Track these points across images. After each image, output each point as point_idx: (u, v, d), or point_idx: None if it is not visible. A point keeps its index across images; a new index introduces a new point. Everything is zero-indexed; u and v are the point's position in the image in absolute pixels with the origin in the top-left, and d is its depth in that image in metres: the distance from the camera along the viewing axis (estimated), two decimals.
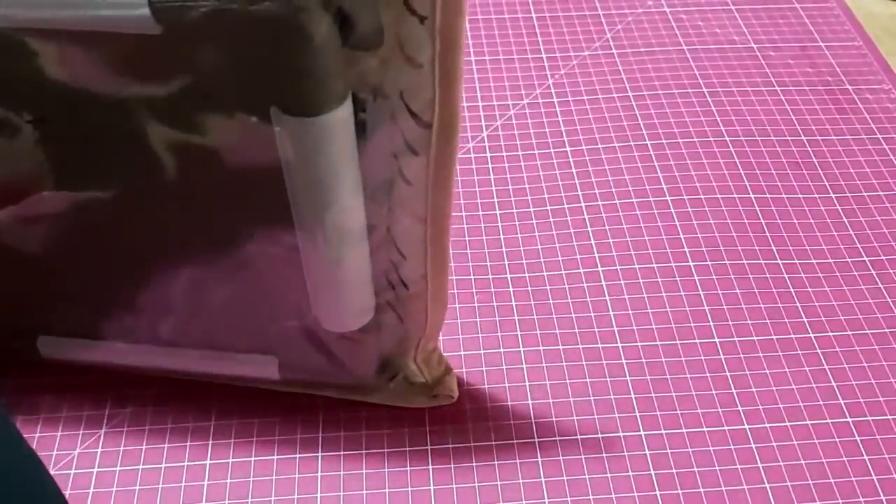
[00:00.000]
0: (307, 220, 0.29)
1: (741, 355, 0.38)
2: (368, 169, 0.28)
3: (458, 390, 0.37)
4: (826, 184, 0.46)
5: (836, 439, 0.36)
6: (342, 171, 0.27)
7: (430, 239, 0.31)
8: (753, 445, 0.35)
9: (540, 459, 0.35)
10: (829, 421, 0.36)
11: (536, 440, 0.36)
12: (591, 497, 0.34)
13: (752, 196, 0.45)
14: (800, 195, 0.46)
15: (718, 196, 0.45)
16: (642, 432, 0.36)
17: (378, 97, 0.27)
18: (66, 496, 0.33)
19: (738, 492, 0.34)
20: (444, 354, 0.38)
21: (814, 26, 0.57)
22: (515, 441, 0.35)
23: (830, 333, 0.39)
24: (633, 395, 0.37)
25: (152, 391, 0.37)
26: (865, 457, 0.35)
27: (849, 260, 0.42)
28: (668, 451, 0.35)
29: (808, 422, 0.36)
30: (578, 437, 0.36)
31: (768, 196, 0.45)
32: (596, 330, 0.39)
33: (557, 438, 0.36)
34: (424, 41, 0.25)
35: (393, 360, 0.35)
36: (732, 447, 0.35)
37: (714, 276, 0.41)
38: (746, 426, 0.36)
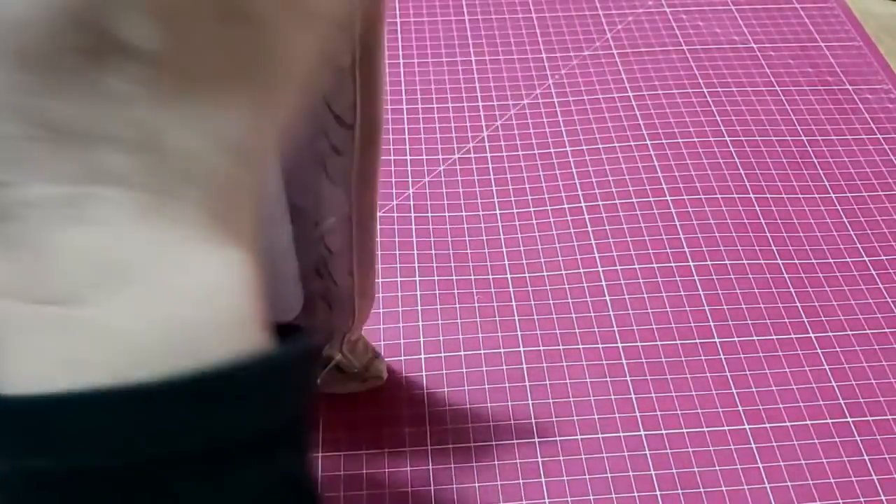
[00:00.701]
0: None
1: (741, 355, 0.38)
2: (295, 163, 0.29)
3: (457, 391, 0.37)
4: (826, 184, 0.46)
5: (836, 439, 0.36)
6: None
7: (356, 238, 0.31)
8: (753, 445, 0.35)
9: (540, 459, 0.35)
10: (829, 421, 0.36)
11: (536, 440, 0.35)
12: (591, 497, 0.34)
13: (752, 196, 0.45)
14: (800, 195, 0.46)
15: (718, 196, 0.45)
16: (642, 432, 0.36)
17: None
18: None
19: (738, 492, 0.34)
20: (388, 351, 0.38)
21: (814, 26, 0.57)
22: (515, 441, 0.35)
23: (830, 333, 0.39)
24: (633, 395, 0.37)
25: None
26: (865, 457, 0.35)
27: (849, 260, 0.42)
28: (668, 451, 0.35)
29: (808, 422, 0.36)
30: (578, 437, 0.36)
31: (768, 196, 0.45)
32: (596, 330, 0.39)
33: (557, 438, 0.36)
34: (344, 47, 0.27)
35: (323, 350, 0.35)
36: (732, 447, 0.35)
37: (714, 276, 0.41)
38: (746, 426, 0.36)
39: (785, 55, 0.54)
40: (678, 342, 0.39)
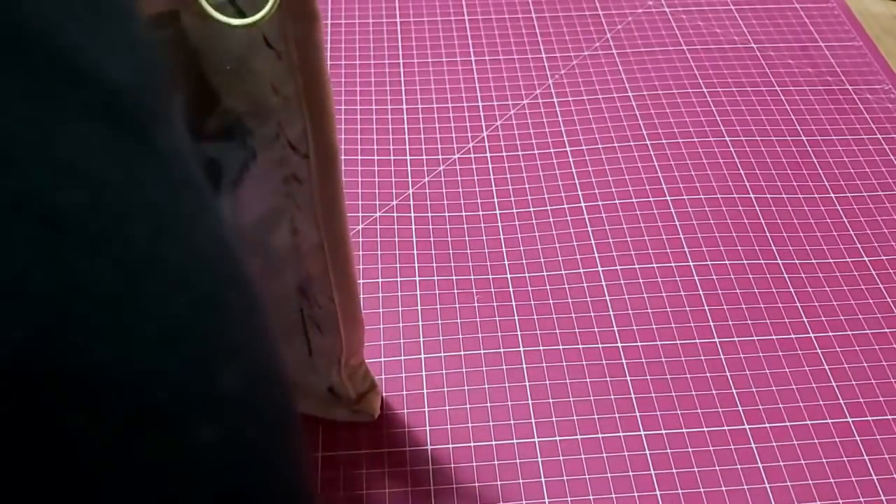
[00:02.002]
0: None
1: (741, 355, 0.38)
2: (262, 191, 0.29)
3: (457, 390, 0.37)
4: (826, 184, 0.46)
5: (836, 439, 0.36)
6: None
7: (330, 265, 0.31)
8: (753, 445, 0.35)
9: (540, 459, 0.35)
10: (829, 421, 0.36)
11: (536, 440, 0.36)
12: (591, 497, 0.34)
13: (752, 196, 0.45)
14: (800, 195, 0.46)
15: (718, 196, 0.45)
16: (642, 432, 0.36)
17: (263, 126, 0.28)
18: None
19: (738, 492, 0.34)
20: (377, 375, 0.38)
21: (814, 26, 0.57)
22: (515, 441, 0.35)
23: (830, 333, 0.39)
24: (633, 395, 0.37)
25: None
26: (865, 457, 0.35)
27: (849, 260, 0.42)
28: (668, 451, 0.35)
29: (808, 422, 0.36)
30: (578, 437, 0.36)
31: (768, 196, 0.45)
32: (596, 330, 0.39)
33: (557, 438, 0.36)
34: (285, 76, 0.26)
35: (319, 370, 0.35)
36: (732, 447, 0.35)
37: (714, 276, 0.41)
38: (746, 426, 0.36)
39: (785, 55, 0.54)
40: (678, 342, 0.39)
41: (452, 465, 0.35)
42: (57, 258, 0.09)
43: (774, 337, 0.39)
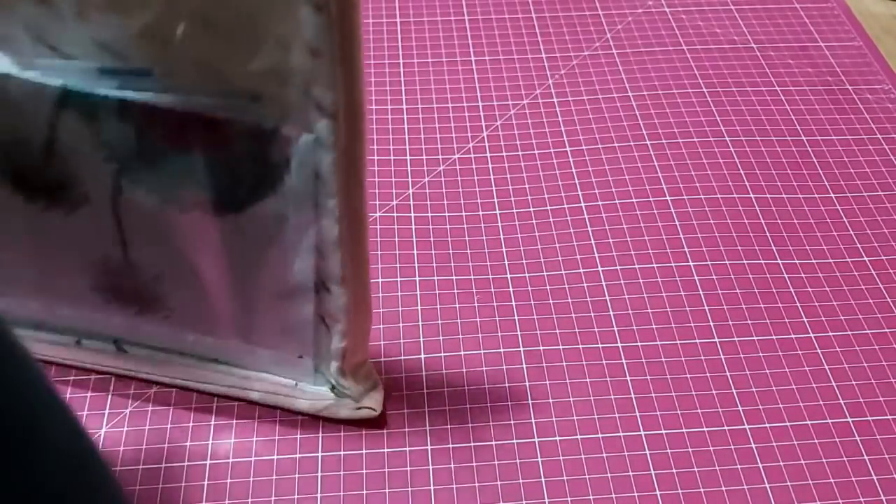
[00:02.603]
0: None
1: (741, 355, 0.38)
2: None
3: (457, 390, 0.37)
4: (826, 184, 0.46)
5: (836, 439, 0.36)
6: None
7: (343, 241, 0.31)
8: (753, 445, 0.35)
9: (540, 459, 0.35)
10: (829, 421, 0.36)
11: (536, 440, 0.36)
12: (591, 497, 0.34)
13: (752, 196, 0.45)
14: (800, 195, 0.46)
15: (718, 196, 0.45)
16: (642, 432, 0.36)
17: (282, 87, 0.28)
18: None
19: (738, 492, 0.34)
20: (379, 372, 0.38)
21: (814, 26, 0.57)
22: (515, 441, 0.35)
23: (830, 333, 0.39)
24: (633, 395, 0.37)
25: None
26: (865, 457, 0.35)
27: (849, 260, 0.42)
28: (668, 451, 0.35)
29: (808, 422, 0.36)
30: (578, 437, 0.36)
31: (768, 196, 0.45)
32: (596, 330, 0.39)
33: (557, 438, 0.36)
34: (323, 30, 0.26)
35: (321, 369, 0.35)
36: (732, 447, 0.35)
37: (714, 276, 0.41)
38: (746, 426, 0.36)
39: (785, 55, 0.54)
40: (678, 342, 0.39)
41: (452, 466, 0.35)
42: None
43: (774, 337, 0.39)
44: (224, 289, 0.33)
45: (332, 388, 0.35)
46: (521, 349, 0.39)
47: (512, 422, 0.36)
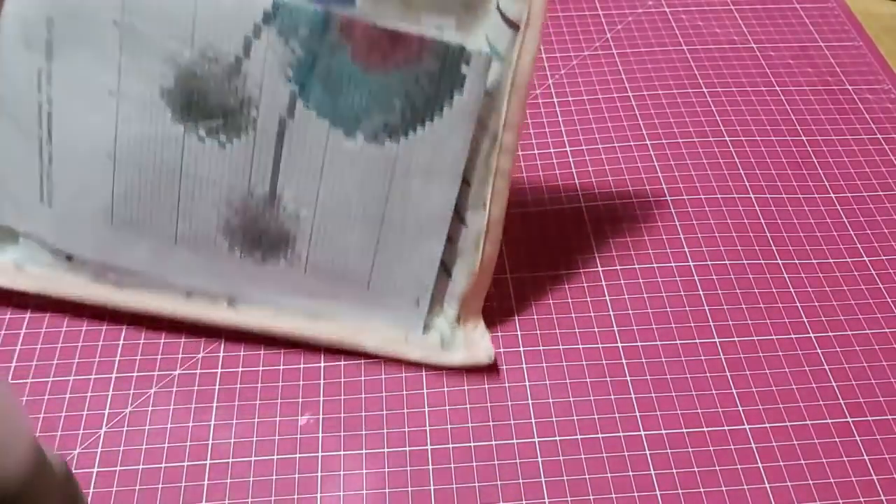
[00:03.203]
0: None
1: (741, 355, 0.38)
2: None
3: (456, 391, 0.37)
4: (826, 184, 0.46)
5: (836, 439, 0.36)
6: None
7: (497, 156, 0.33)
8: (753, 445, 0.35)
9: (540, 459, 0.35)
10: (829, 421, 0.36)
11: (536, 440, 0.36)
12: (591, 497, 0.34)
13: (752, 196, 0.45)
14: (800, 195, 0.46)
15: (718, 196, 0.45)
16: (642, 432, 0.36)
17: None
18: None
19: (738, 492, 0.34)
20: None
21: (814, 26, 0.57)
22: (515, 441, 0.35)
23: (830, 333, 0.39)
24: (633, 395, 0.37)
25: None
26: (865, 457, 0.35)
27: (849, 260, 0.42)
28: (668, 451, 0.35)
29: (808, 422, 0.36)
30: (578, 437, 0.36)
31: (768, 196, 0.45)
32: (596, 330, 0.39)
33: (557, 438, 0.36)
34: None
35: (435, 319, 0.37)
36: (732, 447, 0.35)
37: (714, 276, 0.41)
38: (746, 426, 0.36)
39: (785, 55, 0.54)
40: (678, 342, 0.39)
41: (452, 466, 0.35)
42: None
43: (774, 337, 0.39)
44: (361, 225, 0.34)
45: (441, 341, 0.37)
46: (521, 349, 0.39)
47: (512, 422, 0.36)
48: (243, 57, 0.31)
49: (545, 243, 0.43)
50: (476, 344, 0.37)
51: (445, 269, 0.35)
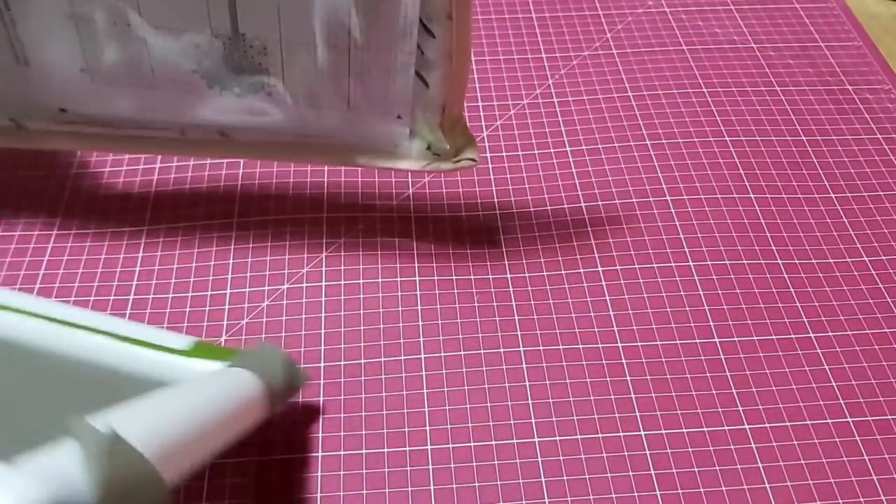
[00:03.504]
0: None
1: (741, 355, 0.38)
2: None
3: (456, 391, 0.37)
4: (826, 184, 0.46)
5: (836, 439, 0.36)
6: None
7: None
8: (753, 445, 0.35)
9: (540, 459, 0.35)
10: (829, 421, 0.36)
11: (536, 440, 0.36)
12: (591, 497, 0.34)
13: (752, 196, 0.45)
14: (800, 195, 0.46)
15: (718, 196, 0.45)
16: (642, 432, 0.36)
17: None
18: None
19: (738, 492, 0.34)
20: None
21: (814, 26, 0.57)
22: (515, 441, 0.35)
23: (830, 333, 0.39)
24: (633, 395, 0.37)
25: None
26: (865, 457, 0.35)
27: (849, 260, 0.42)
28: (668, 451, 0.35)
29: (808, 422, 0.36)
30: (579, 437, 0.36)
31: (768, 196, 0.45)
32: (596, 330, 0.39)
33: (557, 438, 0.36)
34: None
35: (418, 128, 0.37)
36: (732, 447, 0.35)
37: (714, 276, 0.41)
38: (746, 426, 0.36)
39: (785, 55, 0.54)
40: (678, 342, 0.39)
41: (452, 466, 0.35)
42: None
43: (774, 337, 0.39)
44: (330, 49, 0.35)
45: (429, 147, 0.37)
46: (521, 349, 0.39)
47: (512, 422, 0.36)
48: None
49: (545, 243, 0.43)
50: (462, 148, 0.38)
51: (422, 80, 0.35)
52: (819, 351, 0.39)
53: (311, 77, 0.36)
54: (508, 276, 0.42)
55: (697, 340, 0.39)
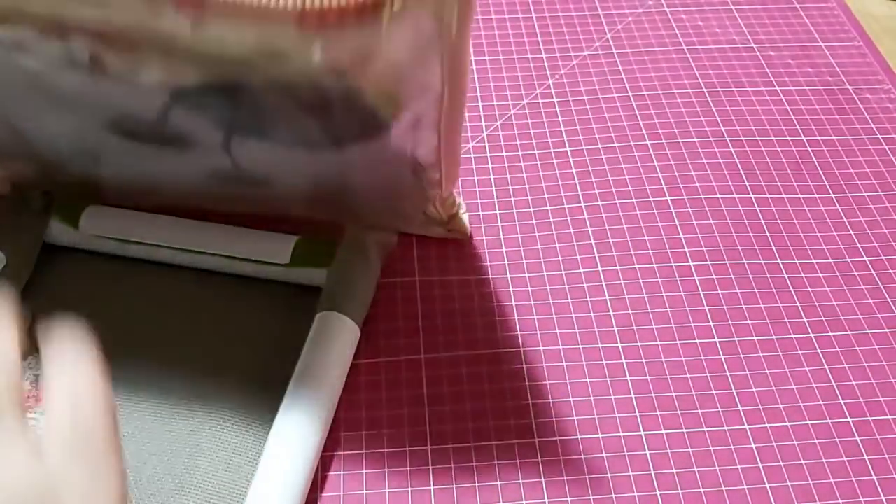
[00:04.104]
0: None
1: (741, 355, 0.38)
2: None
3: (456, 390, 0.37)
4: (826, 184, 0.46)
5: (836, 439, 0.36)
6: None
7: (447, 90, 0.33)
8: (753, 445, 0.35)
9: (540, 459, 0.35)
10: (829, 421, 0.36)
11: (536, 440, 0.36)
12: (591, 497, 0.34)
13: (752, 196, 0.45)
14: (800, 195, 0.46)
15: (718, 196, 0.45)
16: (642, 432, 0.36)
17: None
18: None
19: (738, 492, 0.34)
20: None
21: (814, 26, 0.57)
22: (515, 441, 0.35)
23: (830, 333, 0.39)
24: (633, 395, 0.37)
25: None
26: (865, 457, 0.35)
27: (849, 260, 0.42)
28: (668, 451, 0.35)
29: (808, 422, 0.36)
30: (578, 436, 0.36)
31: (768, 196, 0.45)
32: (596, 330, 0.39)
33: (557, 438, 0.36)
34: None
35: (418, 202, 0.40)
36: (732, 447, 0.35)
37: (714, 276, 0.41)
38: (746, 426, 0.36)
39: (785, 55, 0.54)
40: (678, 342, 0.39)
41: (452, 466, 0.35)
42: None
43: (774, 337, 0.39)
44: (329, 186, 0.38)
45: (424, 213, 0.41)
46: (522, 349, 0.39)
47: (512, 422, 0.36)
48: (166, 120, 0.34)
49: (545, 243, 0.43)
50: (454, 220, 0.42)
51: (421, 180, 0.38)
52: (819, 351, 0.39)
53: (308, 187, 0.38)
54: (508, 276, 0.42)
55: (697, 340, 0.39)
